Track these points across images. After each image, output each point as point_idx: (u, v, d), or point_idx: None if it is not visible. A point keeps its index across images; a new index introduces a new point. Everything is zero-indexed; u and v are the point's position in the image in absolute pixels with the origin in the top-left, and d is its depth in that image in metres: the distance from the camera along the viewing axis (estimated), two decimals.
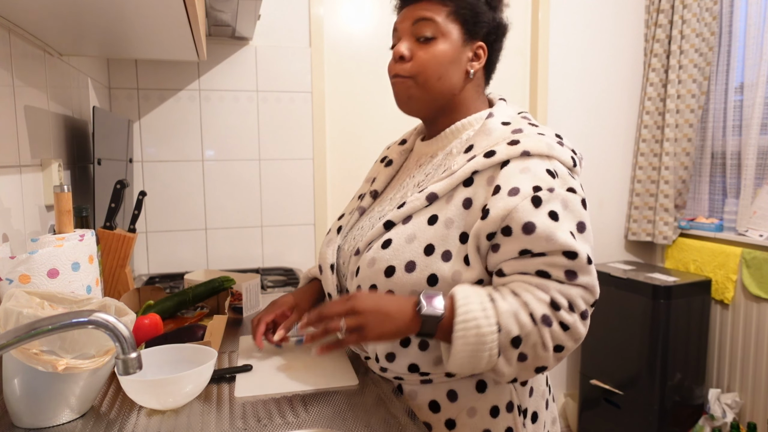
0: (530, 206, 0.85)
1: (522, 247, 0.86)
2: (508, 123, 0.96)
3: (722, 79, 2.57)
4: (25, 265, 0.90)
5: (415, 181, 1.03)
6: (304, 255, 2.36)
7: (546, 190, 0.86)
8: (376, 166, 1.19)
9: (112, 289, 1.44)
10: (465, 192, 0.91)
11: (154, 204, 2.18)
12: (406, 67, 0.97)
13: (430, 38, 0.96)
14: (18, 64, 1.15)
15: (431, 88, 0.97)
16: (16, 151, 1.12)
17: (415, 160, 1.09)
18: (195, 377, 0.90)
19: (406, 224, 0.94)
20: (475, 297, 0.85)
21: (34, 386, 0.82)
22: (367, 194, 1.11)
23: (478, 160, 0.91)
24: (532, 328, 0.84)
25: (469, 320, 0.83)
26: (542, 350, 0.86)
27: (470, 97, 1.02)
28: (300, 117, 2.31)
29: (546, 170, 0.88)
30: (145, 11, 1.07)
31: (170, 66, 2.14)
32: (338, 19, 2.36)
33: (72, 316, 0.62)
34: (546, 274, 0.86)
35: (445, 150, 1.01)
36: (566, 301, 0.86)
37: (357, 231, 1.06)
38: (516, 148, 0.90)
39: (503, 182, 0.88)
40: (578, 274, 0.86)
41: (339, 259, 1.06)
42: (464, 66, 0.99)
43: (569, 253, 0.85)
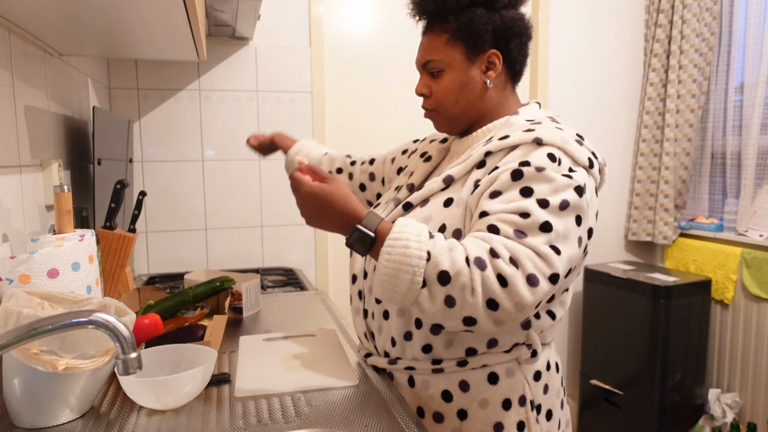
0: (508, 178, 0.88)
1: (482, 209, 0.88)
2: (531, 119, 1.00)
3: (722, 79, 2.57)
4: (25, 265, 0.90)
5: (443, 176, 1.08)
6: (304, 255, 2.36)
7: (533, 168, 0.87)
8: (414, 161, 1.19)
9: (112, 289, 1.44)
10: (476, 174, 0.96)
11: (154, 204, 2.18)
12: (427, 103, 1.07)
13: (438, 71, 1.03)
14: (18, 64, 1.15)
15: (452, 113, 1.05)
16: (16, 151, 1.12)
17: (450, 158, 1.13)
18: (195, 377, 0.90)
19: (423, 207, 0.99)
20: (414, 225, 0.86)
21: (34, 386, 0.82)
22: (403, 187, 1.13)
23: (492, 143, 0.96)
24: (464, 267, 0.80)
25: (399, 239, 0.83)
26: (470, 295, 0.80)
27: (496, 102, 1.06)
28: (300, 117, 2.31)
29: (548, 154, 0.89)
30: (145, 11, 1.07)
31: (170, 66, 2.14)
32: (338, 19, 2.36)
33: (72, 316, 0.62)
34: (495, 228, 0.85)
35: (472, 148, 1.05)
36: (508, 254, 0.81)
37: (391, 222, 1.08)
38: (529, 134, 0.92)
39: (504, 162, 0.91)
40: (528, 234, 0.83)
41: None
42: (478, 80, 1.03)
43: (523, 213, 0.84)
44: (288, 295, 1.77)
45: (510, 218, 0.84)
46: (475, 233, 0.86)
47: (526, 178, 0.87)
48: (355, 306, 1.11)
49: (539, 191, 0.85)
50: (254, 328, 1.38)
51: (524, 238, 0.82)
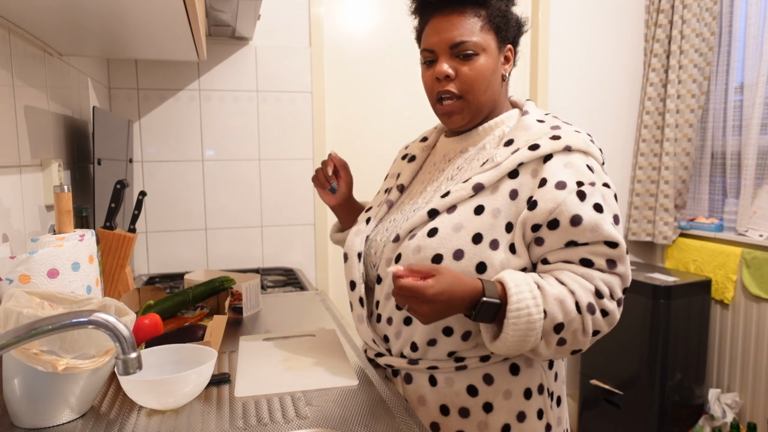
0: (576, 200, 0.90)
1: (569, 239, 0.91)
2: (543, 121, 1.01)
3: (722, 79, 2.57)
4: (25, 265, 0.90)
5: (447, 174, 1.06)
6: (304, 255, 2.36)
7: (588, 185, 0.92)
8: (397, 163, 1.21)
9: (112, 289, 1.43)
10: (511, 183, 0.95)
11: (154, 204, 2.18)
12: (454, 85, 0.99)
13: (472, 54, 0.98)
14: (18, 64, 1.15)
15: (480, 101, 1.01)
16: (16, 151, 1.12)
17: (441, 155, 1.12)
18: (195, 377, 0.90)
19: (451, 213, 0.96)
20: (524, 285, 0.88)
21: (34, 386, 0.82)
22: (393, 188, 1.14)
23: (523, 152, 0.95)
24: (576, 315, 0.89)
25: (521, 308, 0.87)
26: (582, 335, 0.91)
27: (503, 98, 1.07)
28: (300, 117, 2.31)
29: (586, 165, 0.94)
30: (145, 11, 1.07)
31: (170, 66, 2.14)
32: (338, 19, 2.36)
33: (72, 316, 0.62)
34: (589, 262, 0.92)
35: (478, 145, 1.05)
36: (608, 290, 0.91)
37: (389, 222, 1.08)
38: (559, 143, 0.94)
39: (549, 175, 0.92)
40: (617, 263, 0.92)
41: (367, 248, 1.08)
42: (500, 72, 1.02)
43: (611, 243, 0.91)
44: (288, 295, 1.77)
45: (600, 251, 0.91)
46: (572, 268, 0.92)
47: (589, 195, 0.91)
48: (357, 313, 1.08)
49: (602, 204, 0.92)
50: (254, 328, 1.38)
51: (615, 268, 0.92)
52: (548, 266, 0.94)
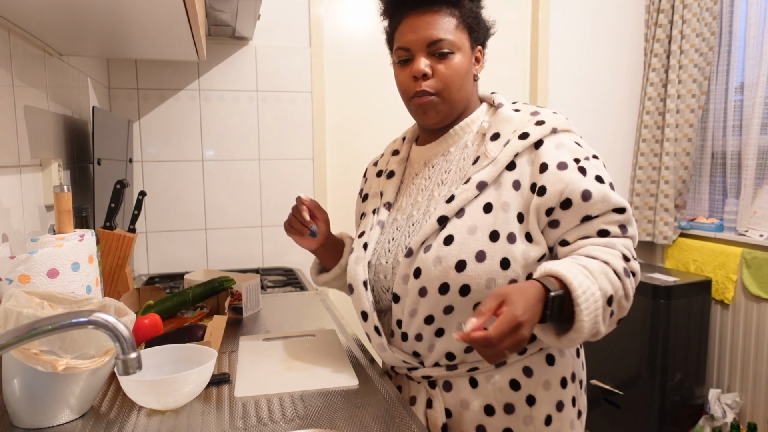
0: (580, 176, 0.92)
1: (583, 214, 0.93)
2: (519, 110, 1.02)
3: (722, 79, 2.57)
4: (24, 265, 0.90)
5: (435, 180, 1.05)
6: (304, 255, 2.36)
7: (584, 159, 0.94)
8: (374, 182, 1.17)
9: (112, 289, 1.43)
10: (511, 175, 0.95)
11: (154, 204, 2.18)
12: (431, 84, 0.99)
13: (448, 53, 0.98)
14: (18, 64, 1.15)
15: (454, 99, 1.01)
16: (15, 151, 1.12)
17: (419, 163, 1.10)
18: (195, 377, 0.90)
19: (461, 217, 0.95)
20: (575, 269, 0.86)
21: (34, 386, 0.82)
22: (380, 207, 1.10)
23: (515, 143, 0.96)
24: (618, 283, 0.89)
25: (587, 292, 0.84)
26: (625, 301, 0.92)
27: (474, 97, 1.07)
28: (300, 117, 2.31)
29: (574, 142, 0.96)
30: (145, 11, 1.07)
31: (170, 66, 2.14)
32: (338, 19, 2.36)
33: (72, 316, 0.62)
34: (606, 232, 0.93)
35: (459, 144, 1.05)
36: (629, 252, 0.94)
37: (388, 243, 1.05)
38: (545, 127, 0.96)
39: (548, 159, 0.93)
40: (627, 226, 0.95)
41: (372, 274, 1.05)
42: (472, 72, 1.03)
43: (619, 209, 0.93)
44: (288, 295, 1.77)
45: (613, 219, 0.93)
46: (593, 241, 0.93)
47: (588, 168, 0.94)
48: (377, 343, 1.03)
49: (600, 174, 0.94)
50: (254, 328, 1.38)
51: (627, 231, 0.95)
52: (569, 247, 0.94)
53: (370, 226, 1.09)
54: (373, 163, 1.23)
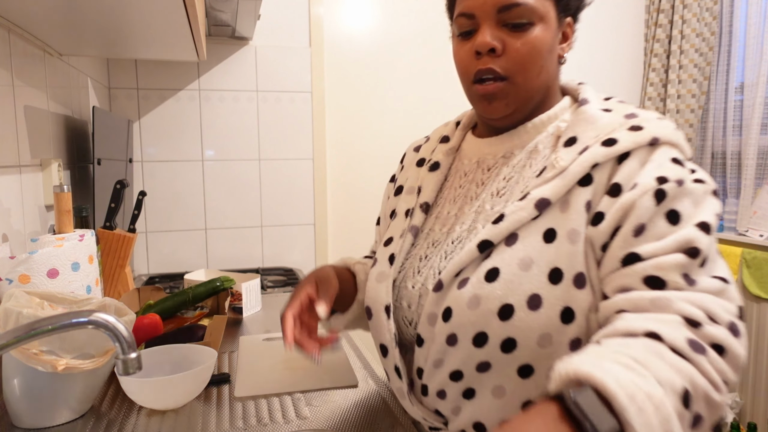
0: (651, 202, 0.66)
1: (627, 251, 0.66)
2: (610, 109, 0.76)
3: (722, 79, 2.57)
4: (24, 265, 0.90)
5: (490, 189, 0.81)
6: (304, 255, 2.36)
7: (674, 182, 0.66)
8: (411, 171, 0.93)
9: (112, 289, 1.43)
10: (583, 193, 0.70)
11: (154, 204, 2.18)
12: (500, 63, 0.75)
13: (526, 24, 0.74)
14: (18, 64, 1.15)
15: (530, 87, 0.77)
16: (16, 151, 1.12)
17: (472, 161, 0.86)
18: (195, 377, 0.90)
19: (512, 245, 0.71)
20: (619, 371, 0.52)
21: (34, 386, 0.82)
22: (416, 208, 0.87)
23: (596, 150, 0.70)
24: (688, 366, 0.56)
25: (638, 399, 0.51)
26: (715, 393, 0.57)
27: (555, 87, 0.83)
28: (300, 117, 2.31)
29: (672, 158, 0.69)
30: (145, 11, 1.07)
31: (170, 66, 2.14)
32: (338, 19, 2.36)
33: (72, 316, 0.62)
34: (658, 281, 0.63)
35: (527, 147, 0.80)
36: (702, 311, 0.60)
37: (420, 261, 0.82)
38: (641, 134, 0.70)
39: (623, 178, 0.68)
40: (700, 276, 0.64)
41: (397, 298, 0.83)
42: (557, 50, 0.79)
43: (689, 250, 0.63)
44: (288, 295, 1.77)
45: (673, 261, 0.63)
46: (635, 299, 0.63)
47: (670, 198, 0.66)
48: (396, 386, 0.83)
49: (686, 211, 0.66)
50: (254, 328, 1.38)
51: (698, 284, 0.63)
52: (607, 304, 0.66)
53: (400, 232, 0.86)
54: (414, 148, 0.98)
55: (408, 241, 0.85)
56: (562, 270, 0.68)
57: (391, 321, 0.80)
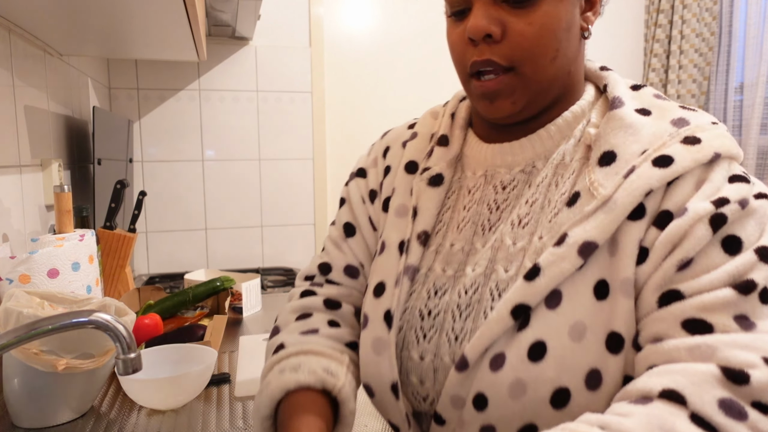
0: (706, 231, 0.51)
1: (666, 289, 0.52)
2: (649, 111, 0.61)
3: (722, 79, 2.57)
4: (25, 265, 0.90)
5: (508, 217, 0.62)
6: (304, 255, 2.36)
7: (736, 205, 0.52)
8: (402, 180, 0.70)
9: (112, 289, 1.44)
10: (635, 228, 0.54)
11: (154, 204, 2.18)
12: (500, 51, 0.58)
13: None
14: (18, 64, 1.15)
15: (544, 76, 0.60)
16: (16, 151, 1.12)
17: (479, 174, 0.67)
18: (195, 377, 0.90)
19: (556, 308, 0.55)
20: None
21: (35, 386, 0.82)
22: (412, 239, 0.66)
23: (647, 172, 0.54)
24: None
25: None
26: None
27: (581, 69, 0.66)
28: (300, 117, 2.31)
29: (732, 175, 0.55)
30: (145, 11, 1.07)
31: (170, 66, 2.14)
32: (338, 19, 2.36)
33: (72, 316, 0.62)
34: (701, 325, 0.50)
35: (552, 159, 0.62)
36: (758, 357, 0.47)
37: (419, 318, 0.63)
38: (701, 149, 0.55)
39: (674, 205, 0.54)
40: (754, 319, 0.49)
41: (402, 371, 0.63)
42: (578, 23, 0.63)
43: (742, 284, 0.49)
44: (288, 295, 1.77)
45: (721, 299, 0.49)
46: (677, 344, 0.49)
47: (730, 222, 0.52)
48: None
49: (749, 236, 0.52)
50: (254, 328, 1.38)
51: (758, 328, 0.49)
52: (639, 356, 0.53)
53: (394, 276, 0.65)
54: (402, 143, 0.75)
55: (405, 288, 0.64)
56: (621, 334, 0.53)
57: (401, 401, 0.62)
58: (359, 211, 0.75)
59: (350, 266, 0.74)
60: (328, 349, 0.65)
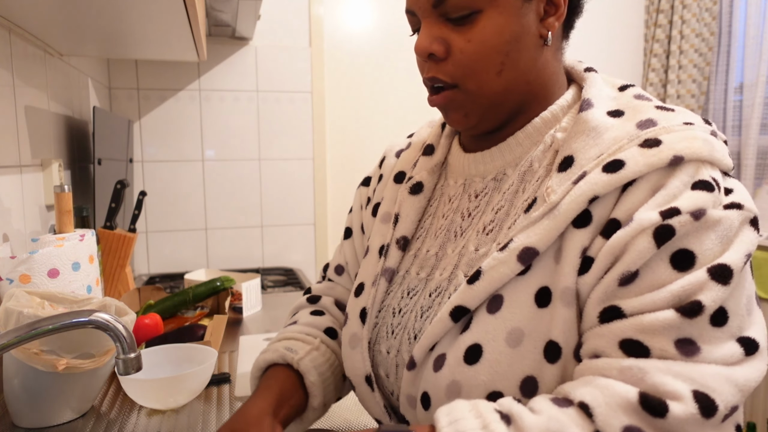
0: (648, 244, 0.49)
1: (607, 304, 0.51)
2: (621, 112, 0.58)
3: (722, 79, 2.57)
4: (25, 264, 0.90)
5: (476, 224, 0.64)
6: (304, 255, 2.36)
7: (687, 216, 0.49)
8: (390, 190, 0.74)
9: (113, 289, 1.44)
10: (579, 236, 0.53)
11: (154, 204, 2.19)
12: (445, 69, 0.60)
13: (469, 14, 0.58)
14: (18, 64, 1.15)
15: (490, 90, 0.60)
16: (16, 151, 1.12)
17: (459, 183, 0.69)
18: (195, 377, 0.90)
19: (496, 312, 0.55)
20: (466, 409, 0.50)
21: (35, 386, 0.83)
22: (392, 244, 0.70)
23: (594, 178, 0.53)
24: None
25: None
26: None
27: (552, 73, 0.64)
28: (300, 117, 2.31)
29: (697, 181, 0.51)
30: (145, 11, 1.07)
31: (170, 66, 2.14)
32: (338, 19, 2.36)
33: (72, 316, 0.62)
34: (638, 347, 0.48)
35: (520, 166, 0.63)
36: (687, 388, 0.45)
37: (391, 315, 0.66)
38: (658, 153, 0.52)
39: (623, 213, 0.52)
40: (701, 344, 0.47)
41: (374, 364, 0.68)
42: (534, 33, 0.60)
43: (687, 306, 0.47)
44: (288, 295, 1.77)
45: (661, 321, 0.47)
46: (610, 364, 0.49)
47: (680, 236, 0.49)
48: None
49: (704, 251, 0.49)
50: (254, 328, 1.38)
51: (702, 354, 0.47)
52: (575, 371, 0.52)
53: (372, 277, 0.69)
54: (396, 152, 0.80)
55: (381, 288, 0.68)
56: (559, 343, 0.52)
57: (377, 393, 0.66)
58: (356, 217, 0.82)
59: (339, 265, 0.84)
60: (297, 334, 0.74)
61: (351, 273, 0.81)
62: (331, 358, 0.73)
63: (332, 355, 0.73)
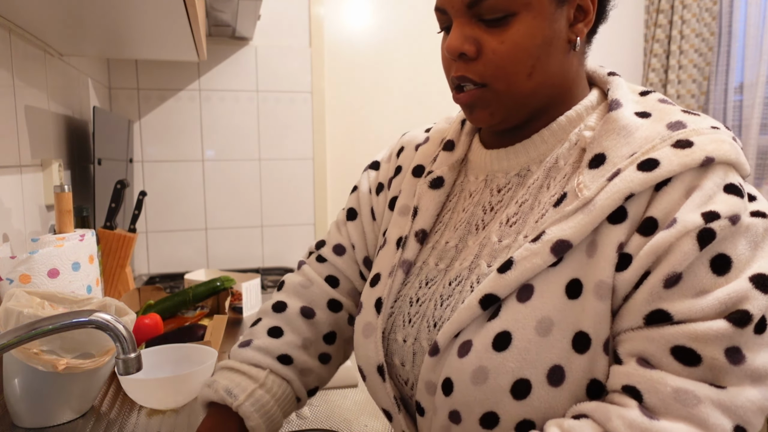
0: (692, 247, 0.50)
1: (654, 306, 0.52)
2: (648, 114, 0.60)
3: (722, 79, 2.57)
4: (25, 264, 0.90)
5: (499, 217, 0.65)
6: None
7: (726, 221, 0.51)
8: (408, 183, 0.75)
9: (113, 289, 1.44)
10: (615, 232, 0.54)
11: (154, 204, 2.19)
12: (475, 69, 0.61)
13: (504, 17, 0.59)
14: (18, 64, 1.15)
15: (519, 91, 0.62)
16: (16, 151, 1.12)
17: (480, 179, 0.70)
18: (195, 377, 0.90)
19: (526, 301, 0.56)
20: None
21: (35, 386, 0.83)
22: (410, 236, 0.70)
23: (630, 176, 0.54)
24: None
25: None
26: None
27: (576, 77, 0.66)
28: (300, 117, 2.31)
29: (727, 185, 0.54)
30: (145, 11, 1.07)
31: (170, 66, 2.14)
32: (338, 19, 2.36)
33: (72, 316, 0.62)
34: (690, 355, 0.49)
35: (545, 162, 0.64)
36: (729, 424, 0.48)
37: (408, 305, 0.67)
38: (691, 153, 0.54)
39: (661, 212, 0.53)
40: (746, 352, 0.49)
41: (388, 353, 0.68)
42: (563, 36, 0.62)
43: (736, 315, 0.49)
44: None
45: (714, 331, 0.49)
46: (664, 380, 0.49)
47: (719, 240, 0.50)
48: None
49: (738, 257, 0.51)
50: None
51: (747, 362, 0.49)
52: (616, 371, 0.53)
53: (389, 268, 0.70)
54: (415, 146, 0.79)
55: (398, 279, 0.69)
56: (589, 334, 0.54)
57: (389, 383, 0.67)
58: (364, 200, 0.81)
59: (339, 245, 0.81)
60: (243, 365, 0.73)
61: (358, 256, 0.80)
62: (279, 389, 0.72)
63: (282, 384, 0.73)
